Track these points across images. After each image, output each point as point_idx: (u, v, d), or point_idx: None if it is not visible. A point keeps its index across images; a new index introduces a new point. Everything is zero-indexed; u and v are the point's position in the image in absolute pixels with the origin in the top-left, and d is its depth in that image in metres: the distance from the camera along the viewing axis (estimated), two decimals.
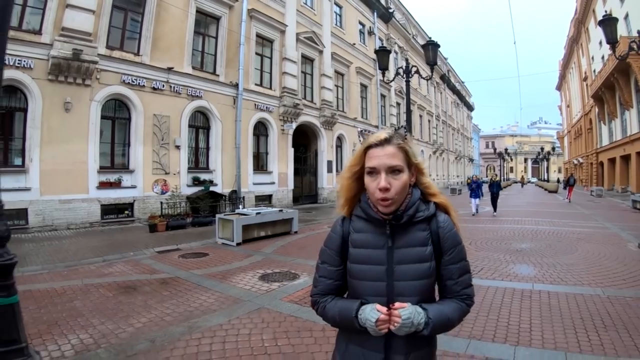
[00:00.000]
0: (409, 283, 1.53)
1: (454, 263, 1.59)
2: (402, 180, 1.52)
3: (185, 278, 7.11)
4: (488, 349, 4.11)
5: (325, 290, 1.68)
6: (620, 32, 28.22)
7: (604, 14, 10.99)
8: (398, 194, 1.51)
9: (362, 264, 1.59)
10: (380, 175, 1.50)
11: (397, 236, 1.57)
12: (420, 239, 1.57)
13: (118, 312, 5.25)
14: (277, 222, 11.84)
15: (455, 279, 1.59)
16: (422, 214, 1.58)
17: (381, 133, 1.58)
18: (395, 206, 1.53)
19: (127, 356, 3.97)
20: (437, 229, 1.59)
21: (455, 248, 1.59)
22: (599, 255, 8.72)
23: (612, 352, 3.96)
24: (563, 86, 69.07)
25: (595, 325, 4.66)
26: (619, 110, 34.19)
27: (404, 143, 1.56)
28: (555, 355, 3.92)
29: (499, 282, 6.70)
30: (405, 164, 1.55)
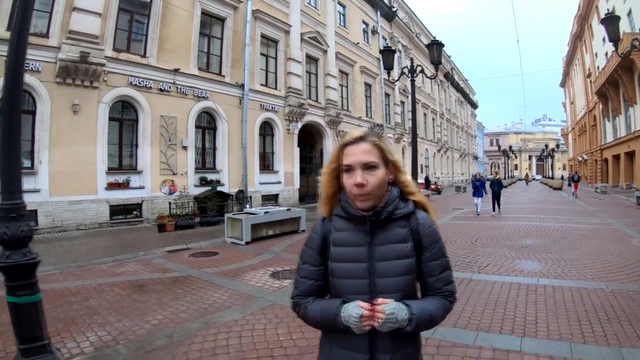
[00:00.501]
0: (391, 280, 1.54)
1: (434, 259, 1.60)
2: (377, 176, 1.53)
3: (198, 276, 7.22)
4: (495, 340, 4.24)
5: (307, 291, 1.67)
6: (624, 28, 28.28)
7: (607, 12, 11.08)
8: (374, 189, 1.53)
9: (343, 262, 1.59)
10: (356, 172, 1.52)
11: (377, 233, 1.58)
12: (400, 235, 1.58)
13: (134, 310, 5.35)
14: (284, 221, 11.94)
15: (437, 276, 1.60)
16: (401, 211, 1.60)
17: (357, 132, 1.62)
18: (372, 201, 1.54)
19: (146, 352, 4.07)
20: (417, 225, 1.60)
21: (436, 244, 1.60)
22: (602, 251, 8.82)
23: (615, 343, 4.08)
24: (567, 83, 68.95)
25: (599, 318, 4.77)
26: (623, 107, 34.19)
27: (378, 140, 1.58)
28: (560, 346, 4.05)
29: (505, 277, 6.83)
30: (381, 160, 1.56)
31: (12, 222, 3.40)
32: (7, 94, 3.56)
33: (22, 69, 3.73)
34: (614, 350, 3.91)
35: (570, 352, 3.91)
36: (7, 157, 3.53)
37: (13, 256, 3.35)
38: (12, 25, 3.63)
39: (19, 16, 3.57)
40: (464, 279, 6.71)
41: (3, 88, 3.60)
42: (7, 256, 3.34)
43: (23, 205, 3.56)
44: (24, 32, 3.63)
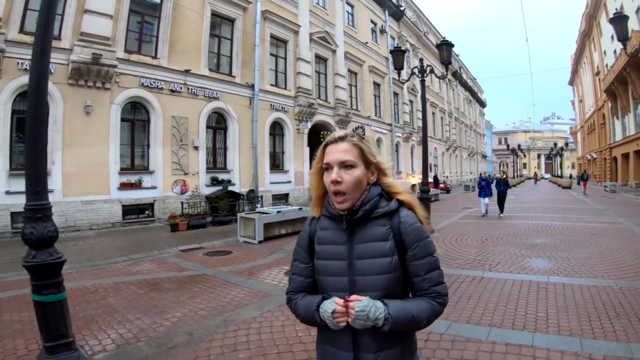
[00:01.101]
0: (370, 278, 1.55)
1: (418, 259, 1.57)
2: (354, 175, 1.55)
3: (213, 275, 7.31)
4: (508, 335, 4.33)
5: (298, 288, 1.72)
6: (632, 26, 28.12)
7: (615, 12, 11.06)
8: (350, 188, 1.55)
9: (325, 259, 1.63)
10: (333, 170, 1.55)
11: (357, 232, 1.60)
12: (379, 234, 1.58)
13: (152, 308, 5.44)
14: (296, 220, 11.99)
15: (422, 276, 1.57)
16: (381, 210, 1.60)
17: (339, 132, 1.65)
18: (349, 203, 1.56)
19: (168, 348, 4.15)
20: (398, 223, 1.59)
21: (419, 243, 1.57)
22: (612, 250, 8.87)
23: (624, 339, 4.17)
24: (575, 81, 68.58)
25: (608, 314, 4.85)
26: (632, 105, 33.99)
27: (358, 141, 1.60)
28: (571, 341, 4.13)
29: (515, 275, 6.90)
30: (360, 160, 1.58)
31: (38, 223, 3.49)
32: (33, 97, 3.63)
33: (47, 73, 3.81)
34: (623, 346, 4.00)
35: (581, 347, 3.99)
36: (32, 159, 3.61)
37: (39, 256, 3.44)
38: (35, 29, 3.70)
39: (42, 21, 3.65)
40: (476, 277, 6.79)
41: (28, 92, 3.68)
42: (33, 256, 3.43)
43: (49, 205, 3.64)
44: (47, 36, 3.71)
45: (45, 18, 3.65)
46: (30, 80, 3.67)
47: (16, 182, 11.73)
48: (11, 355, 4.00)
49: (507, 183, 18.07)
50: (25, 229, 3.47)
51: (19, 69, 11.76)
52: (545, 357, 3.81)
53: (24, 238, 3.50)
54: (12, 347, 4.16)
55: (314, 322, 1.58)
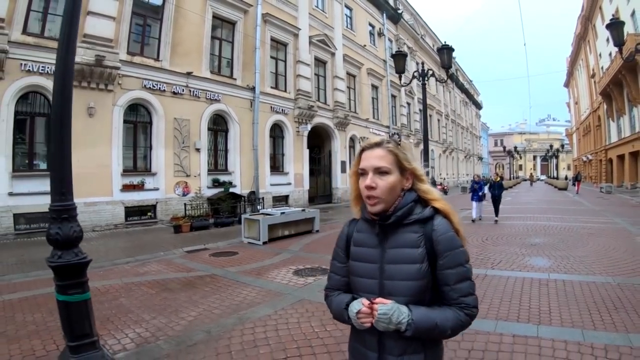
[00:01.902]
0: (398, 283, 1.56)
1: (449, 268, 1.56)
2: (388, 181, 1.57)
3: (222, 275, 7.40)
4: (514, 327, 4.57)
5: (335, 286, 1.78)
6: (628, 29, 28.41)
7: (612, 18, 11.28)
8: (384, 194, 1.56)
9: (358, 261, 1.66)
10: (367, 175, 1.58)
11: (390, 236, 1.61)
12: (411, 240, 1.58)
13: (166, 308, 5.52)
14: (299, 222, 12.12)
15: (452, 285, 1.56)
16: (414, 216, 1.60)
17: (375, 138, 1.69)
18: (381, 206, 1.58)
19: (188, 346, 4.23)
20: (430, 231, 1.58)
21: (451, 252, 1.56)
22: (609, 248, 9.15)
23: (623, 330, 4.42)
24: (571, 83, 68.95)
25: (607, 308, 5.11)
26: (627, 107, 34.26)
27: (393, 147, 1.61)
28: (573, 332, 4.39)
29: (517, 273, 7.16)
30: (395, 167, 1.59)
31: (64, 223, 3.54)
32: (58, 98, 3.69)
33: (72, 74, 3.84)
34: (622, 336, 4.24)
35: (583, 337, 4.24)
36: (58, 160, 3.71)
37: (65, 256, 3.48)
38: (60, 31, 3.76)
39: (66, 23, 3.67)
40: (479, 275, 6.94)
41: (53, 94, 3.75)
42: (59, 256, 3.47)
43: (74, 206, 3.71)
44: (72, 38, 3.75)
45: (69, 20, 3.69)
46: (55, 82, 3.73)
47: (19, 183, 11.84)
48: (30, 356, 4.04)
49: (502, 186, 16.92)
50: (51, 230, 3.51)
51: (22, 70, 11.81)
52: (550, 346, 4.03)
53: (49, 239, 3.54)
54: (29, 348, 4.20)
55: (343, 319, 1.64)
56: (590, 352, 3.87)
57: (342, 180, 25.67)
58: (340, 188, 25.58)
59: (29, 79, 11.98)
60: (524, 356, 3.85)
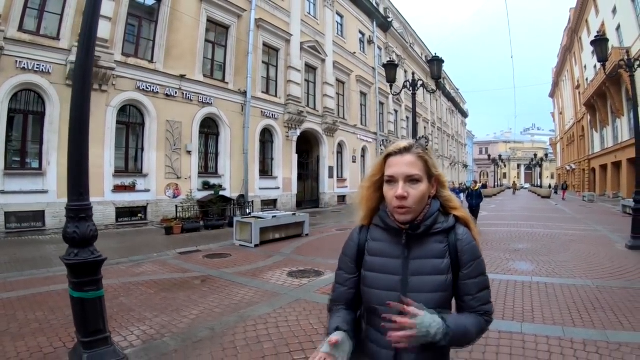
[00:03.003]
0: (423, 295, 1.49)
1: (472, 278, 1.54)
2: (420, 190, 1.50)
3: (218, 276, 7.55)
4: (500, 325, 4.79)
5: (339, 298, 1.68)
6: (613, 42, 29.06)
7: (597, 34, 11.65)
8: (415, 203, 1.50)
9: (376, 272, 1.57)
10: (398, 184, 1.49)
11: (414, 247, 1.55)
12: (437, 250, 1.54)
13: (167, 307, 5.65)
14: (290, 225, 12.31)
15: (474, 295, 1.54)
16: (440, 226, 1.55)
17: (402, 142, 1.58)
18: (412, 215, 1.51)
19: (194, 342, 4.40)
20: (455, 241, 1.55)
21: (474, 262, 1.54)
22: (589, 254, 9.55)
23: (601, 327, 4.78)
24: (556, 94, 69.99)
25: (586, 308, 5.48)
26: (610, 118, 34.96)
27: (423, 153, 1.55)
28: (555, 329, 4.73)
29: (502, 276, 7.49)
30: (425, 174, 1.53)
31: (81, 222, 3.72)
32: (78, 98, 3.85)
33: (90, 75, 4.04)
34: (599, 332, 4.60)
35: (563, 333, 4.58)
36: (76, 160, 3.85)
37: (82, 254, 3.67)
38: (80, 33, 3.90)
39: (86, 25, 3.84)
40: None
41: (72, 94, 3.89)
42: (75, 254, 3.65)
43: (91, 206, 3.87)
44: (92, 39, 3.93)
45: (89, 23, 3.84)
46: (74, 82, 3.92)
47: (11, 181, 11.84)
48: (37, 353, 4.11)
49: (480, 195, 15.40)
50: (68, 229, 3.67)
51: (17, 67, 11.83)
52: (533, 341, 4.36)
53: (66, 237, 3.69)
54: (35, 345, 4.26)
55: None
56: (570, 346, 4.19)
57: (329, 185, 25.91)
58: (327, 193, 25.78)
59: (24, 76, 12.00)
60: (510, 349, 4.16)
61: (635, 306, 5.47)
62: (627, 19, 28.52)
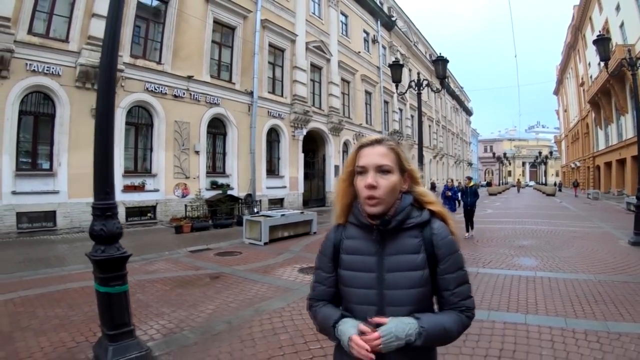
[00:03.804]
0: (400, 292, 1.48)
1: (449, 272, 1.52)
2: (390, 180, 1.49)
3: (231, 273, 7.74)
4: (505, 316, 5.13)
5: (320, 296, 1.66)
6: (617, 39, 29.10)
7: (598, 34, 11.76)
8: (385, 194, 1.48)
9: (352, 270, 1.56)
10: (368, 173, 1.48)
11: (388, 243, 1.53)
12: (411, 246, 1.52)
13: (183, 302, 5.83)
14: (298, 224, 12.51)
15: (452, 290, 1.52)
16: (413, 220, 1.54)
17: (375, 135, 1.59)
18: (382, 207, 1.49)
19: (213, 335, 4.58)
20: (430, 235, 1.53)
21: (451, 256, 1.52)
22: (592, 250, 9.77)
23: (602, 318, 4.99)
24: (560, 91, 69.84)
25: (588, 301, 5.70)
26: (614, 115, 34.94)
27: (395, 145, 1.55)
28: (557, 320, 4.94)
29: (506, 271, 7.75)
30: (396, 166, 1.52)
31: (108, 220, 3.89)
32: (103, 100, 4.02)
33: (115, 78, 4.23)
34: (600, 323, 4.81)
35: (565, 324, 4.78)
36: (102, 160, 4.00)
37: (108, 250, 3.83)
38: (103, 36, 4.08)
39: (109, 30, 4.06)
40: (472, 272, 7.41)
41: (97, 96, 4.08)
42: (102, 250, 3.81)
43: (116, 204, 4.05)
44: (115, 43, 4.15)
45: (112, 28, 4.08)
46: (99, 84, 4.10)
47: (22, 182, 11.99)
48: (60, 347, 4.23)
49: (476, 193, 13.78)
50: (95, 226, 3.84)
51: (27, 69, 11.96)
52: (537, 331, 4.57)
53: (93, 235, 3.86)
54: (58, 340, 4.39)
55: (329, 336, 1.56)
56: (572, 336, 4.40)
57: (335, 184, 25.86)
58: (333, 192, 25.72)
59: (34, 79, 12.13)
60: (514, 339, 4.37)
61: (636, 299, 5.68)
62: (631, 16, 28.51)
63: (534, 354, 4.00)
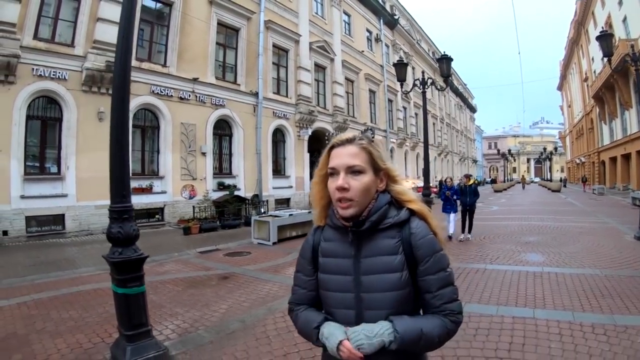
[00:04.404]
0: (378, 295, 1.42)
1: (430, 274, 1.44)
2: (362, 181, 1.43)
3: (241, 273, 7.84)
4: (513, 311, 5.25)
5: (300, 300, 1.63)
6: (620, 34, 29.02)
7: (601, 30, 11.79)
8: (357, 195, 1.42)
9: (329, 273, 1.52)
10: (339, 175, 1.43)
11: (364, 244, 1.48)
12: (388, 247, 1.46)
13: (196, 303, 5.91)
14: (306, 223, 12.54)
15: (434, 292, 1.44)
16: (390, 220, 1.48)
17: (346, 133, 1.52)
18: (354, 209, 1.44)
19: (227, 334, 4.67)
20: (408, 235, 1.46)
21: (432, 257, 1.45)
22: (598, 245, 9.86)
23: (609, 312, 5.08)
24: (564, 86, 69.68)
25: (595, 295, 5.80)
26: (619, 110, 34.86)
27: (367, 144, 1.48)
28: (565, 314, 5.05)
29: (514, 267, 7.85)
30: (370, 165, 1.46)
31: (125, 223, 3.97)
32: (118, 104, 4.13)
33: (129, 82, 4.30)
34: (607, 317, 4.90)
35: (573, 317, 4.90)
36: (119, 164, 4.08)
37: (126, 252, 3.91)
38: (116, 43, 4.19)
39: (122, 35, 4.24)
40: (480, 269, 7.67)
41: (112, 101, 4.16)
42: (120, 252, 3.88)
43: (132, 207, 4.12)
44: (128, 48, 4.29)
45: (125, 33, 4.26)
46: (113, 91, 4.19)
47: (30, 186, 12.08)
48: (77, 348, 4.29)
49: (476, 192, 12.43)
50: (112, 229, 3.91)
51: (34, 74, 12.04)
52: (545, 325, 4.67)
53: (110, 237, 3.93)
54: (74, 342, 4.46)
55: (310, 339, 1.52)
56: (580, 329, 4.50)
57: None
58: None
59: (41, 83, 12.22)
60: (523, 332, 4.48)
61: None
62: (634, 10, 28.45)
63: (542, 346, 4.10)
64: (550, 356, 3.91)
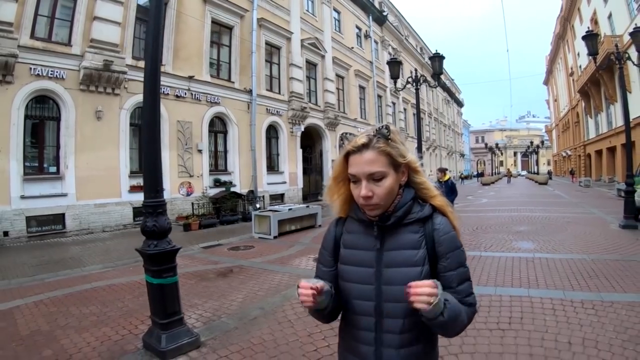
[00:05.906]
0: (398, 288, 1.38)
1: (451, 270, 1.46)
2: (385, 186, 1.42)
3: (249, 265, 8.11)
4: (510, 291, 5.80)
5: None
6: (605, 30, 29.52)
7: (587, 30, 12.20)
8: (382, 200, 1.43)
9: (351, 265, 1.53)
10: (361, 183, 1.42)
11: (387, 238, 1.49)
12: (411, 241, 1.47)
13: (212, 294, 6.14)
14: (304, 217, 12.91)
15: (455, 288, 1.45)
16: (414, 216, 1.49)
17: (360, 137, 1.46)
18: (380, 210, 1.45)
19: (250, 320, 4.94)
20: (432, 231, 1.47)
21: (453, 253, 1.47)
22: (585, 233, 10.46)
23: (596, 290, 5.62)
24: (550, 81, 70.37)
25: (583, 276, 6.35)
26: (604, 104, 35.39)
27: (384, 146, 1.43)
28: (557, 292, 5.59)
29: (507, 253, 8.39)
30: (390, 166, 1.44)
31: (159, 217, 4.22)
32: (150, 103, 4.34)
33: (158, 83, 4.50)
34: (595, 294, 5.42)
35: (564, 295, 5.42)
36: (152, 160, 4.32)
37: (160, 245, 4.14)
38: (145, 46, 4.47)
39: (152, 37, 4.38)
40: (475, 256, 8.16)
41: (143, 101, 4.41)
42: (155, 245, 4.12)
43: (165, 202, 4.38)
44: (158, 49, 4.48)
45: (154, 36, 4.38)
46: (144, 96, 4.39)
47: (30, 186, 12.12)
48: (107, 341, 4.41)
49: (454, 189, 11.61)
50: (147, 223, 4.16)
51: (32, 74, 12.09)
52: (539, 302, 5.20)
53: (145, 231, 4.17)
54: (102, 335, 4.57)
55: (318, 318, 1.59)
56: (570, 305, 5.03)
57: None
58: None
59: (39, 83, 12.26)
60: (520, 308, 5.01)
61: (626, 274, 6.32)
62: (618, 7, 28.88)
63: (538, 319, 4.59)
64: (546, 327, 4.37)
